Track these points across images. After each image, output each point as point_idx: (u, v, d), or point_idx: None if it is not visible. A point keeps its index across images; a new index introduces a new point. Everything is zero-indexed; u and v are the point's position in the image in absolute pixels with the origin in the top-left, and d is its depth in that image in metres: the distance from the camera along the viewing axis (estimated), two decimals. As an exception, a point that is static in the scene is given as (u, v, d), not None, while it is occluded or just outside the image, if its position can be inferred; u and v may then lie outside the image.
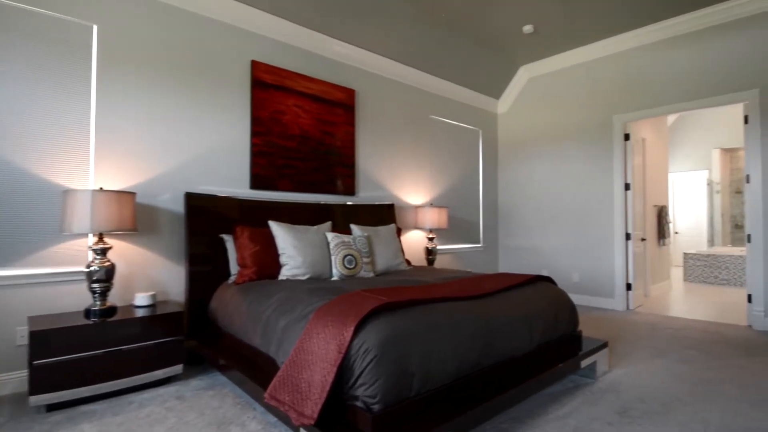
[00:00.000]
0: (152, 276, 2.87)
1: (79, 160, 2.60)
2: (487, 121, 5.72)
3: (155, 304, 2.66)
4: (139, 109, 2.83)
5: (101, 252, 2.44)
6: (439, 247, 4.90)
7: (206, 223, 2.98)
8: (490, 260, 5.69)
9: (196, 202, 2.96)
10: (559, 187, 5.16)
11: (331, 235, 2.99)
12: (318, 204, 3.61)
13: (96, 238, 2.47)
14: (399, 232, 3.90)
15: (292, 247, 2.79)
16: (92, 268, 2.40)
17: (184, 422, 2.00)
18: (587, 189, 4.90)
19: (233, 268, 2.91)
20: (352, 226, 3.34)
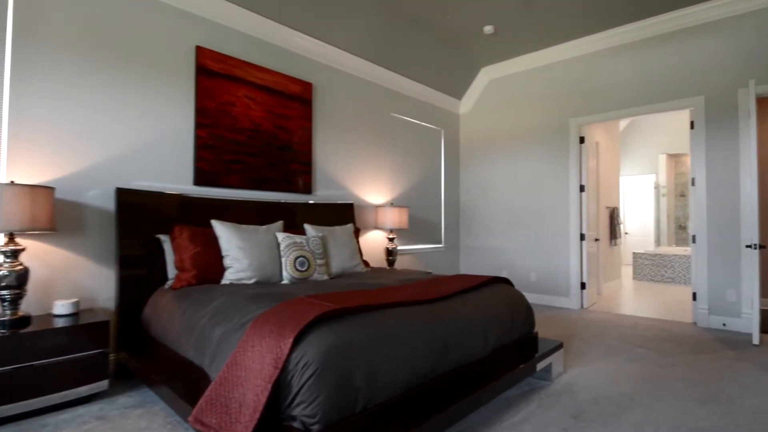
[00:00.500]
0: (77, 281, 2.57)
1: (-14, 150, 2.27)
2: (449, 121, 5.68)
3: (78, 313, 2.37)
4: (64, 94, 2.53)
5: (11, 254, 2.15)
6: (399, 248, 4.79)
7: (141, 222, 2.72)
8: (451, 261, 5.65)
9: (129, 199, 2.69)
10: (519, 188, 5.20)
11: (282, 236, 2.80)
12: (270, 202, 3.40)
13: (6, 239, 2.17)
14: (357, 232, 3.76)
15: (238, 249, 2.58)
16: (0, 273, 2.10)
17: (103, 448, 1.77)
18: (545, 190, 4.96)
19: (171, 272, 2.66)
20: (306, 226, 3.16)
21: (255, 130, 3.45)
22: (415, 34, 4.39)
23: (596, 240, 5.13)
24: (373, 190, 4.54)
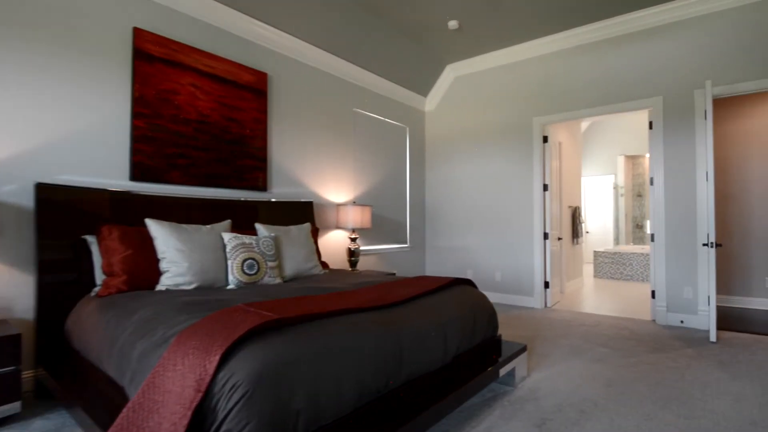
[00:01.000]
0: (-15, 289, 2.24)
1: None
2: (414, 119, 5.56)
3: (-18, 326, 2.06)
4: (-33, 73, 2.19)
5: None
6: (362, 248, 4.62)
7: (65, 221, 2.41)
8: (416, 261, 5.53)
9: (51, 195, 2.37)
10: (484, 187, 5.14)
11: (228, 236, 2.56)
12: (219, 200, 3.14)
13: None
14: (316, 232, 3.56)
15: (175, 251, 2.33)
16: None
17: (-3, 488, 1.49)
18: (509, 189, 4.92)
19: (100, 277, 2.37)
20: (258, 226, 2.93)
21: (202, 122, 3.18)
22: (379, 26, 4.23)
23: (559, 239, 5.14)
24: (335, 188, 4.34)
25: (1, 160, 2.29)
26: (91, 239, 2.43)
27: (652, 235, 4.03)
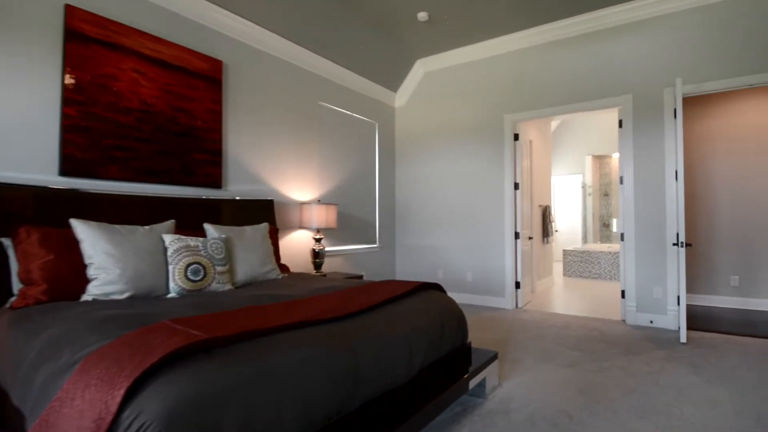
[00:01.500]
0: None
1: None
2: (383, 114, 5.37)
3: None
4: None
5: None
6: (328, 249, 4.39)
7: (-26, 221, 2.08)
8: (386, 261, 5.35)
9: (-45, 192, 2.04)
10: (455, 185, 5.01)
11: (170, 238, 2.29)
12: (165, 198, 2.85)
13: None
14: (275, 232, 3.31)
15: (105, 255, 2.04)
16: None
17: None
18: (480, 187, 4.80)
19: (18, 286, 2.06)
20: (207, 227, 2.66)
21: (146, 111, 2.87)
22: (346, 15, 4.01)
23: (530, 238, 5.07)
24: (299, 186, 4.10)
25: None
26: (8, 242, 2.11)
27: (622, 235, 4.00)
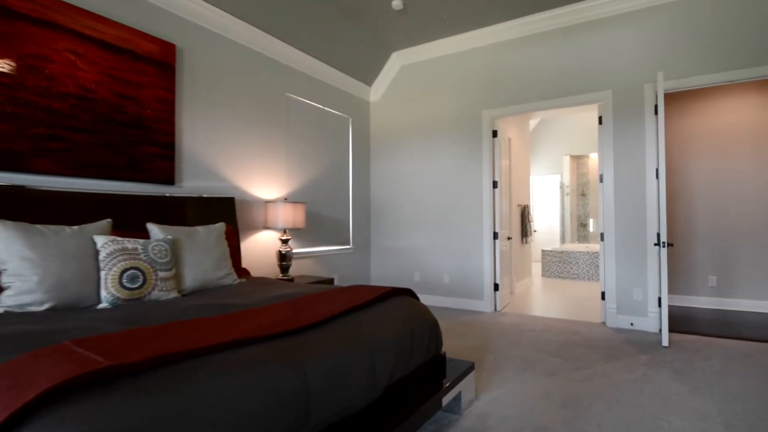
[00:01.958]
0: None
1: None
2: (358, 109, 5.13)
3: None
4: None
5: None
6: (297, 251, 4.13)
7: None
8: (360, 263, 5.11)
9: None
10: (432, 183, 4.82)
11: (102, 240, 2.00)
12: (106, 195, 2.54)
13: None
14: (235, 233, 3.03)
15: (21, 260, 1.75)
16: None
17: None
18: (458, 186, 4.63)
19: None
20: (150, 227, 2.37)
21: (84, 98, 2.56)
22: (317, 2, 3.76)
23: (509, 238, 4.93)
24: (264, 183, 3.82)
25: None
26: None
27: (602, 235, 3.88)
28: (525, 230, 6.28)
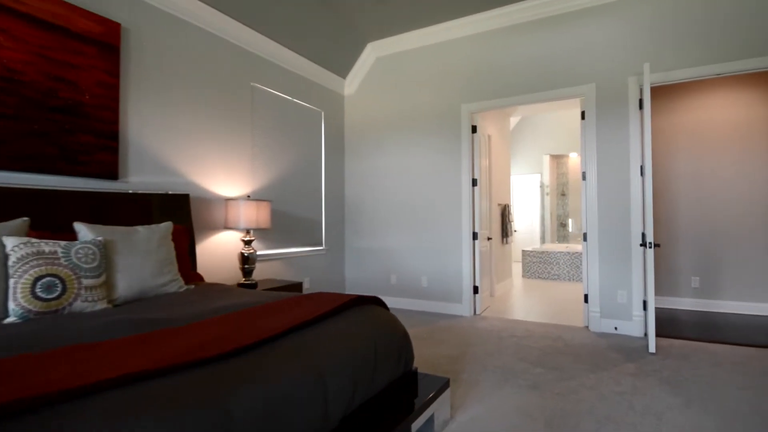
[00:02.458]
0: None
1: None
2: (331, 102, 4.86)
3: None
4: None
5: None
6: (264, 253, 3.83)
7: None
8: (333, 266, 4.84)
9: None
10: (409, 181, 4.59)
11: (13, 242, 1.69)
12: (29, 190, 2.21)
13: None
14: (187, 233, 2.73)
15: None
16: None
17: None
18: (436, 183, 4.41)
19: None
20: (78, 226, 2.06)
21: (10, 80, 2.23)
22: (281, -17, 3.49)
23: (489, 239, 4.74)
24: (226, 180, 3.52)
25: None
26: None
27: (585, 235, 3.71)
28: (505, 230, 6.12)
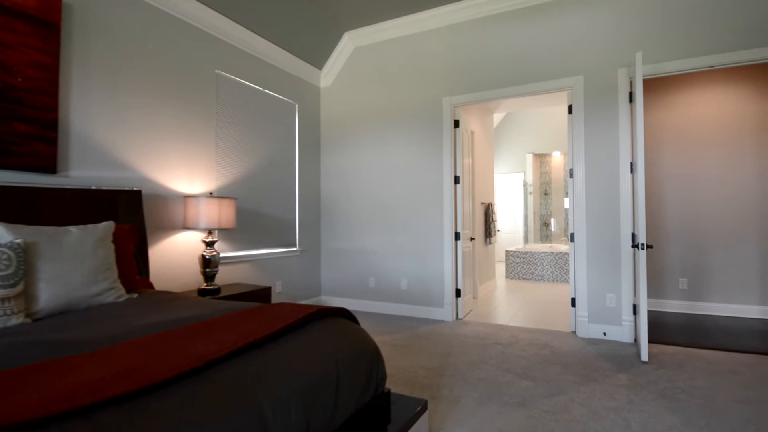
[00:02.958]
0: None
1: None
2: (306, 94, 4.59)
3: None
4: None
5: None
6: (231, 255, 3.54)
7: None
8: (308, 268, 4.57)
9: None
10: (389, 178, 4.34)
11: None
12: (-57, 184, 1.89)
13: None
14: (136, 235, 2.43)
15: None
16: None
17: None
18: (417, 181, 4.18)
19: None
20: (-8, 226, 1.75)
21: None
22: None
23: (472, 239, 4.54)
24: (186, 175, 3.21)
25: None
26: None
27: (572, 235, 3.54)
28: (489, 230, 5.94)
